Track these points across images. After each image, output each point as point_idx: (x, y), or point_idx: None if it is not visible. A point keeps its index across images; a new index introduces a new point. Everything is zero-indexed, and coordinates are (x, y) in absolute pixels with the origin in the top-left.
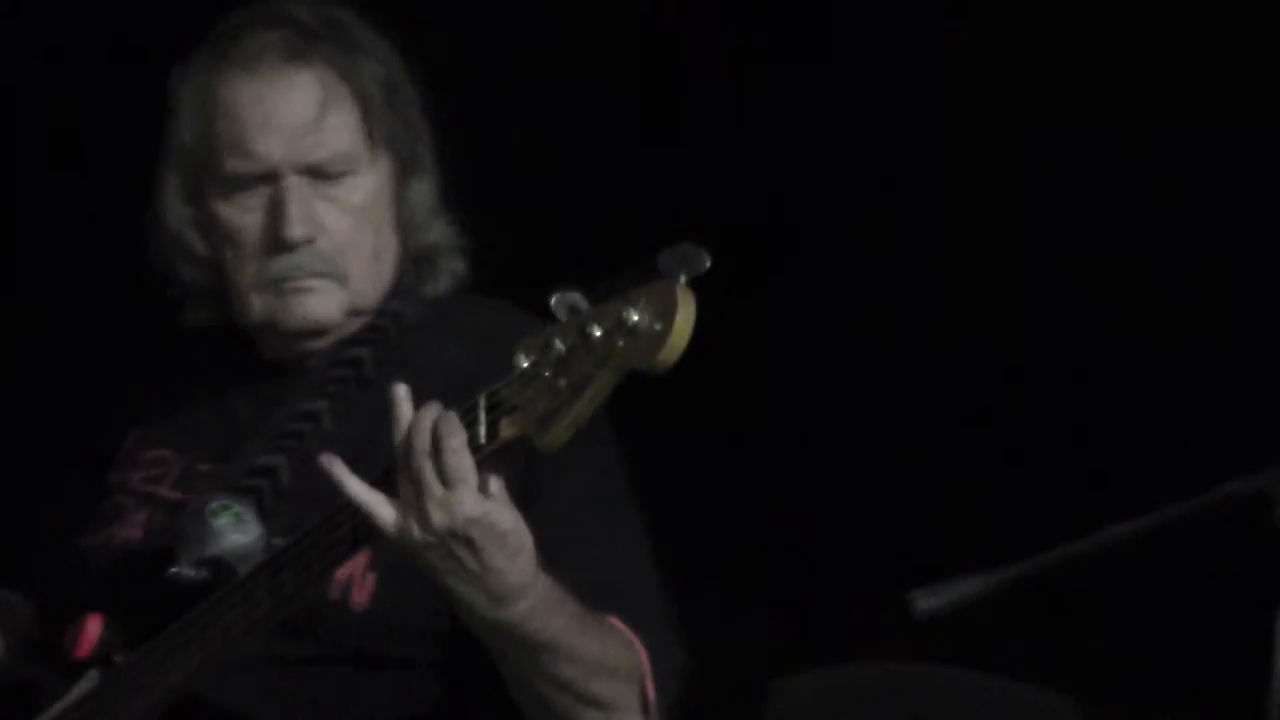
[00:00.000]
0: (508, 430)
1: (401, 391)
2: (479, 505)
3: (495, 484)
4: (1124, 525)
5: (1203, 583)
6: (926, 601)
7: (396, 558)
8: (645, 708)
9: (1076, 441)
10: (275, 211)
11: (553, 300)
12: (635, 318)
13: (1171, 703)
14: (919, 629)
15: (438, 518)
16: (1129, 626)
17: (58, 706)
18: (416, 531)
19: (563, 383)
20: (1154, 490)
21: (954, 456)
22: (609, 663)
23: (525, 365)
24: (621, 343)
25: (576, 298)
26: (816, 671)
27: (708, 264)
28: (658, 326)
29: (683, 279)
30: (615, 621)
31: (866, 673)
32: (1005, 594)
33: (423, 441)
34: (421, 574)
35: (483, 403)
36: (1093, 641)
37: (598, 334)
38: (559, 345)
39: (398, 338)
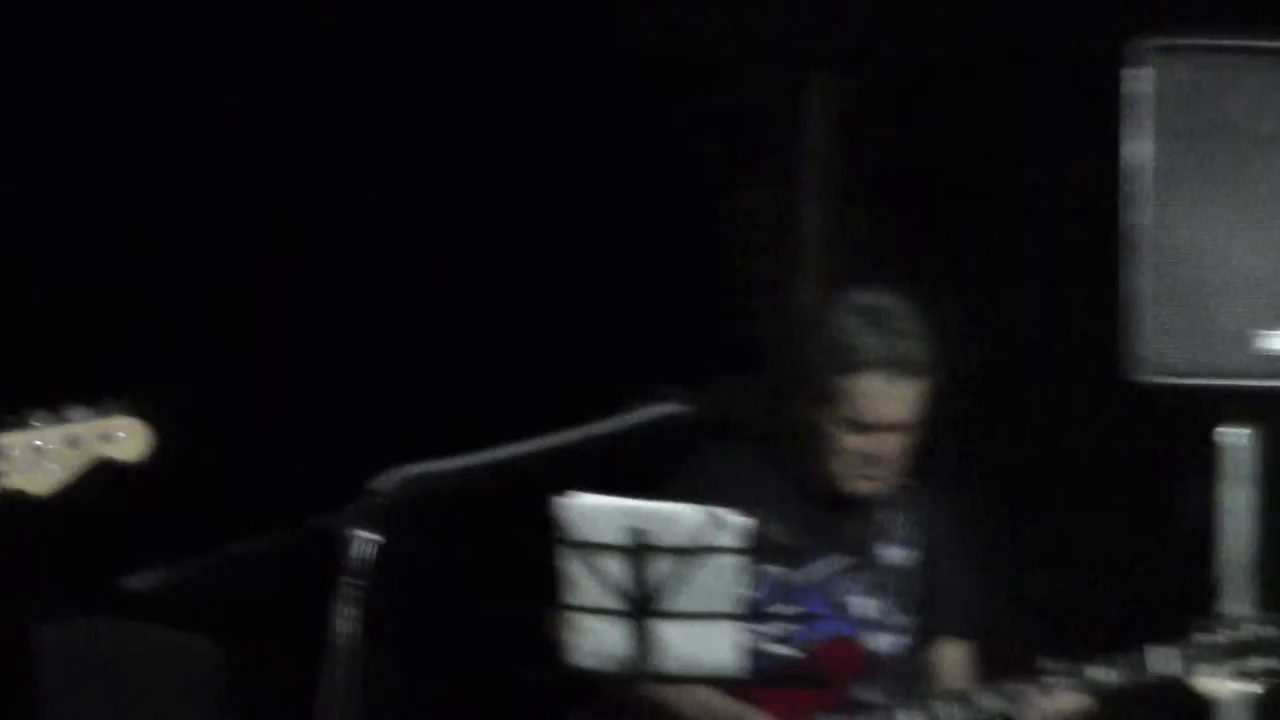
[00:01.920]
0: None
1: None
2: None
3: None
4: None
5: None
6: (136, 582)
7: None
8: None
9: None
10: None
11: (36, 416)
12: (121, 434)
13: None
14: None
15: None
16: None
17: None
18: None
19: (52, 466)
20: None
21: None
22: None
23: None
24: (103, 446)
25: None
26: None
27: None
28: (134, 440)
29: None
30: None
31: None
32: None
33: None
34: None
35: None
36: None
37: (85, 437)
38: (38, 443)
39: None
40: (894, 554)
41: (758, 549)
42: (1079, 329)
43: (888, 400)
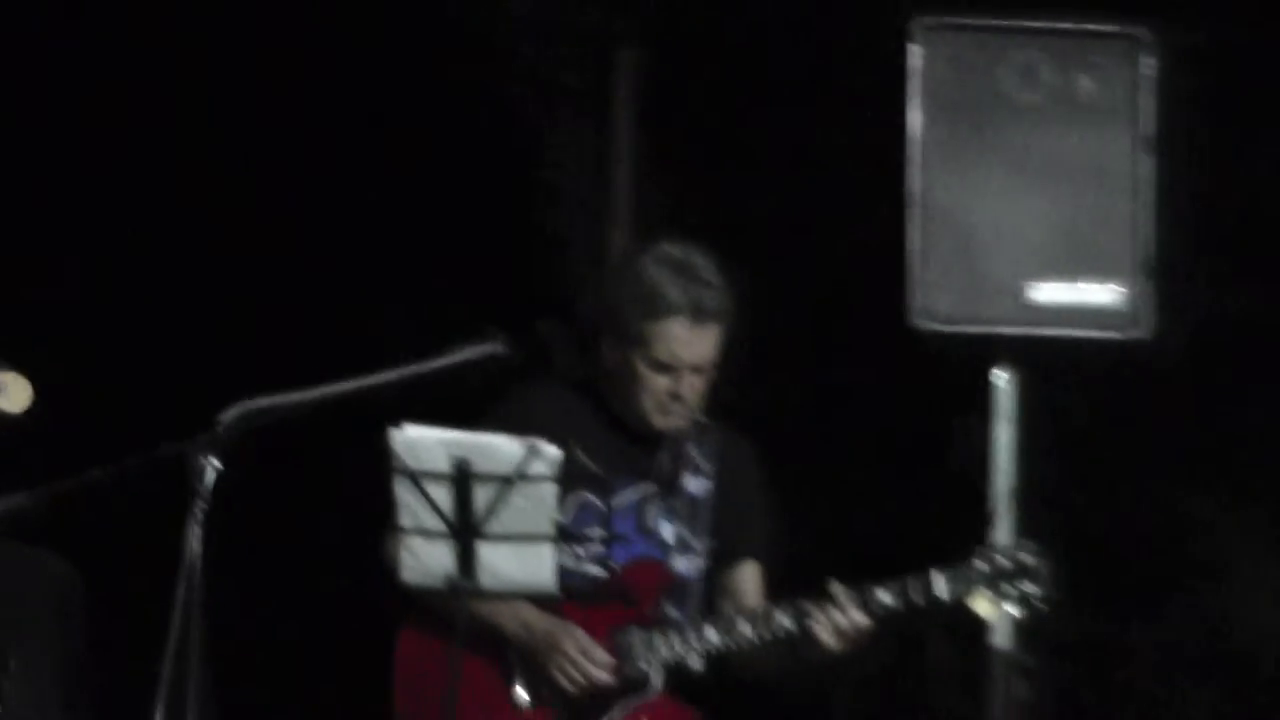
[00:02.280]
0: None
1: None
2: None
3: None
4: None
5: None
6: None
7: None
8: None
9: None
10: None
11: None
12: (5, 387)
13: None
14: None
15: None
16: None
17: None
18: None
19: None
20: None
21: None
22: None
23: None
24: None
25: None
26: None
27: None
28: (17, 393)
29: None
30: None
31: None
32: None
33: None
34: None
35: None
36: None
37: None
38: None
39: None
40: (694, 483)
41: (571, 477)
42: (867, 280)
43: (689, 344)
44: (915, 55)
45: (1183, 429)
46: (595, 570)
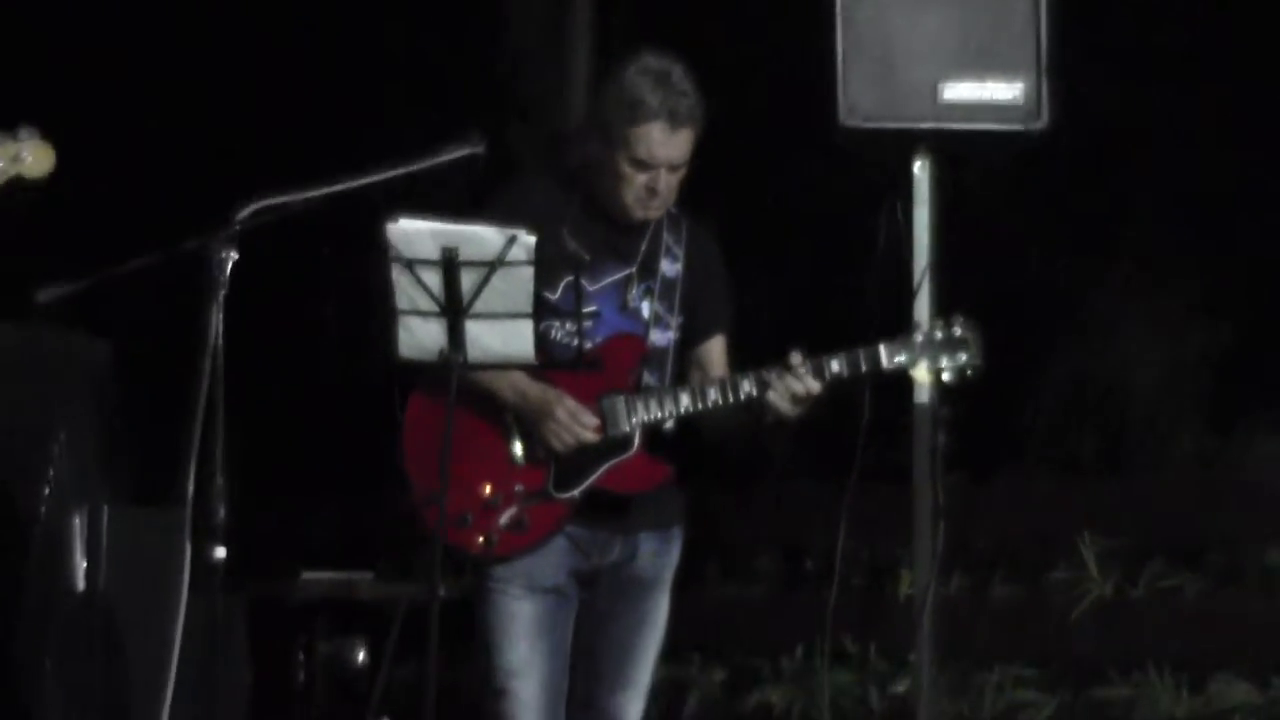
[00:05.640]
0: None
1: None
2: None
3: None
4: None
5: None
6: (46, 295)
7: None
8: None
9: None
10: None
11: None
12: (28, 155)
13: None
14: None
15: None
16: None
17: None
18: None
19: None
20: None
21: None
22: None
23: None
24: (14, 167)
25: None
26: None
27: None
28: (41, 160)
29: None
30: None
31: None
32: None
33: None
34: None
35: None
36: None
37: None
38: None
39: None
40: (668, 266)
41: (559, 260)
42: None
43: (665, 145)
44: None
45: (1070, 207)
46: (577, 343)
